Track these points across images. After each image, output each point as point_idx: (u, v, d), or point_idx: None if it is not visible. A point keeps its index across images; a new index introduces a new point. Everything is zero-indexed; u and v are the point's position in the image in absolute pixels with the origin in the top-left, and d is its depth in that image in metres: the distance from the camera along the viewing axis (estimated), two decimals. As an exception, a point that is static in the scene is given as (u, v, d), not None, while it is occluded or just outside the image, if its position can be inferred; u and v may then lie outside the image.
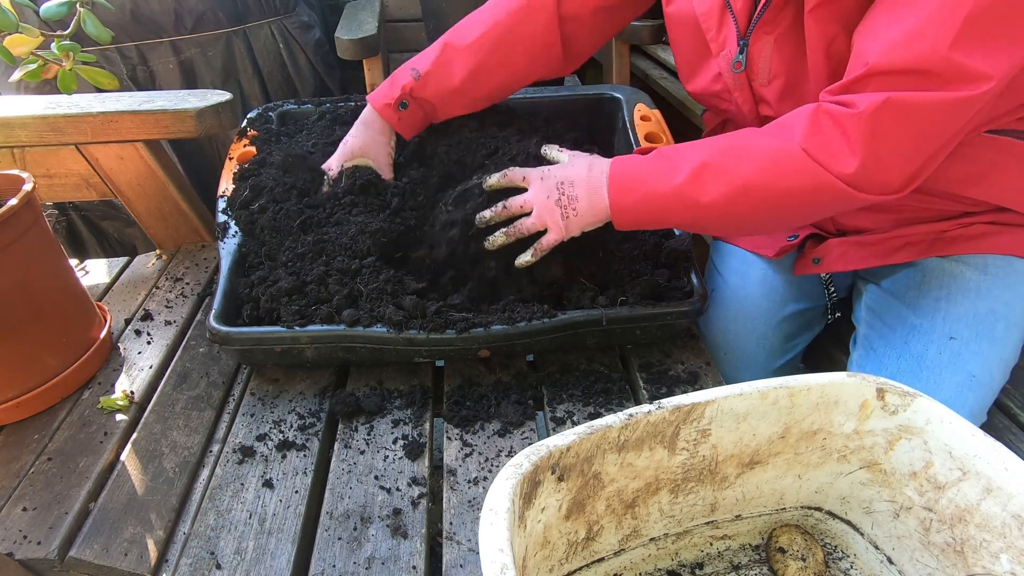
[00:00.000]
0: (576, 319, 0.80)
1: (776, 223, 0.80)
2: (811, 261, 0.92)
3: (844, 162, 0.66)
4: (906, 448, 0.58)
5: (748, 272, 0.99)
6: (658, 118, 1.08)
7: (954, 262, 0.85)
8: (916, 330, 0.84)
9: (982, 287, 0.82)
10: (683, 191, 0.71)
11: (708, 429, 0.58)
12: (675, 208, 0.73)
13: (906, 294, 0.87)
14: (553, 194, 0.77)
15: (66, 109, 1.02)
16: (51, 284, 0.83)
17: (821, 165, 0.66)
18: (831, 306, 1.01)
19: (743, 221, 0.74)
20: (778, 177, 0.69)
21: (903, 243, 0.86)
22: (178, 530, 0.69)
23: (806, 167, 0.67)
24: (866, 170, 0.65)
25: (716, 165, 0.71)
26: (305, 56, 1.77)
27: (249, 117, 1.11)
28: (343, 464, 0.74)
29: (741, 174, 0.70)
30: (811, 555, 0.63)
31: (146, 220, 1.15)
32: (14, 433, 0.80)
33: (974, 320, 0.81)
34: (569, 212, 0.77)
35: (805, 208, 0.72)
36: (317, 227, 0.89)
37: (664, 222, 0.77)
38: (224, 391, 0.85)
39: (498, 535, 0.45)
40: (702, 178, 0.71)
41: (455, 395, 0.82)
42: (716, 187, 0.70)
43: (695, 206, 0.72)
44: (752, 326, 0.98)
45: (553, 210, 0.77)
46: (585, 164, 0.78)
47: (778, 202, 0.70)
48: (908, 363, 0.83)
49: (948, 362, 0.81)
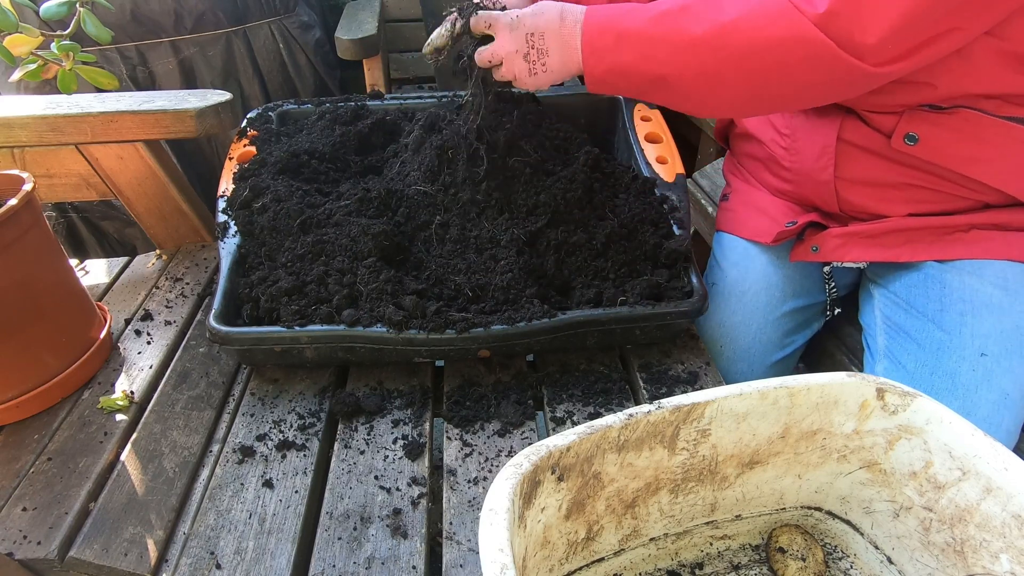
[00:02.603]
0: (576, 319, 0.80)
1: (765, 89, 0.72)
2: (809, 249, 0.91)
3: (815, 1, 0.64)
4: (906, 448, 0.58)
5: (748, 266, 0.99)
6: (658, 118, 1.08)
7: (968, 275, 0.84)
8: (946, 347, 0.82)
9: (1004, 303, 0.82)
10: (663, 23, 0.68)
11: (708, 429, 0.58)
12: (653, 50, 0.69)
13: (927, 306, 0.86)
14: (522, 47, 0.73)
15: (66, 109, 1.02)
16: (51, 284, 0.83)
17: (798, 8, 0.65)
18: (831, 302, 1.01)
19: (727, 78, 0.70)
20: (761, 23, 0.66)
21: (904, 239, 0.86)
22: (178, 530, 0.69)
23: (786, 12, 0.65)
24: (836, 14, 0.63)
25: (697, 6, 0.68)
26: (305, 56, 1.78)
27: (249, 117, 1.11)
28: (343, 464, 0.74)
29: (725, 15, 0.67)
30: (811, 555, 0.63)
31: (146, 220, 1.15)
32: (14, 433, 0.80)
33: (1001, 336, 0.80)
34: (538, 68, 0.74)
35: (791, 69, 0.68)
36: (317, 227, 0.89)
37: (641, 73, 0.71)
38: (224, 391, 0.85)
39: (498, 535, 0.45)
40: (685, 16, 0.68)
41: (455, 395, 0.82)
42: (698, 25, 0.67)
43: (675, 44, 0.68)
44: (750, 320, 0.98)
45: (521, 65, 0.74)
46: (557, 13, 0.74)
47: (763, 57, 0.67)
48: (942, 381, 0.81)
49: (982, 380, 0.80)
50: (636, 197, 0.94)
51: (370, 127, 1.06)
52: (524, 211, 0.89)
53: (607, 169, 0.97)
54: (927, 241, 0.86)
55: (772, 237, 0.94)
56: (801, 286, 0.98)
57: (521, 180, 0.91)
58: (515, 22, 0.74)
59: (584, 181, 0.91)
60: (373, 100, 1.14)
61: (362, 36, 1.56)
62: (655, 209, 0.92)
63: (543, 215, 0.88)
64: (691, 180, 1.43)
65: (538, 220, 0.88)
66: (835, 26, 0.64)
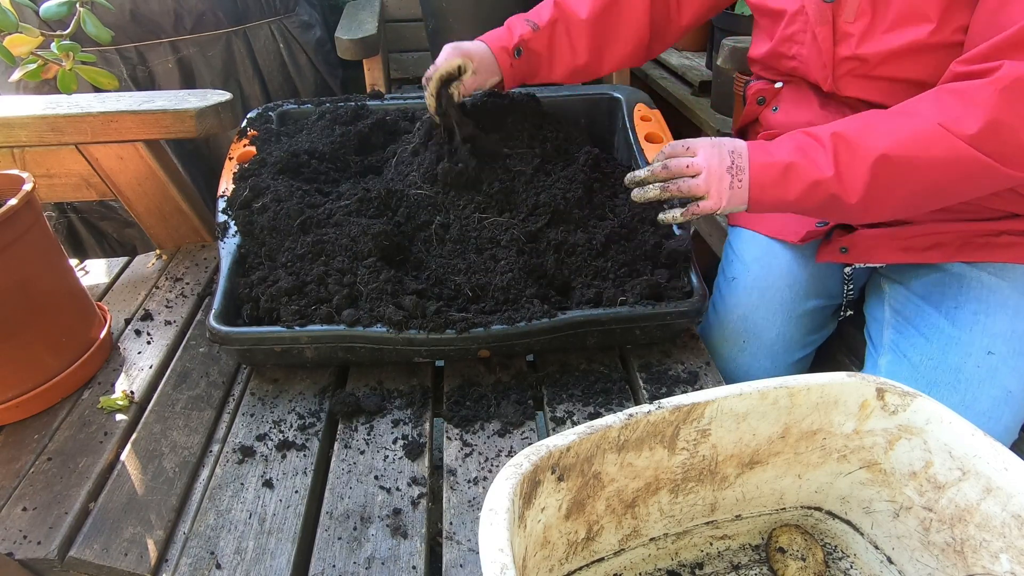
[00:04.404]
0: (576, 319, 0.80)
1: (925, 202, 0.77)
2: (838, 250, 0.91)
3: (967, 123, 0.66)
4: (906, 448, 0.58)
5: (772, 262, 0.99)
6: (658, 118, 1.08)
7: (990, 275, 0.84)
8: (954, 342, 0.83)
9: (1020, 306, 0.82)
10: (825, 154, 0.72)
11: (708, 429, 0.58)
12: (820, 180, 0.73)
13: (942, 303, 0.86)
14: (725, 160, 0.75)
15: (66, 109, 1.02)
16: (51, 284, 0.83)
17: (949, 132, 0.67)
18: (846, 304, 1.01)
19: (889, 199, 0.74)
20: (916, 149, 0.69)
21: (933, 242, 0.86)
22: (178, 530, 0.69)
23: (939, 136, 0.68)
24: (991, 134, 0.66)
25: (851, 135, 0.72)
26: (305, 56, 1.78)
27: (249, 117, 1.11)
28: (343, 464, 0.74)
29: (881, 142, 0.70)
30: (811, 555, 0.63)
31: (146, 220, 1.15)
32: (14, 433, 0.80)
33: (1011, 337, 0.81)
34: (735, 184, 0.75)
35: (949, 185, 0.71)
36: (317, 227, 0.89)
37: (810, 198, 0.75)
38: (224, 391, 0.85)
39: (498, 535, 0.45)
40: (844, 144, 0.72)
41: (455, 395, 0.82)
42: (861, 154, 0.71)
43: (841, 174, 0.72)
44: (774, 317, 0.97)
45: (723, 177, 0.75)
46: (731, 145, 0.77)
47: (923, 177, 0.70)
48: (945, 375, 0.82)
49: (986, 376, 0.80)
50: (636, 197, 0.94)
51: (370, 127, 1.06)
52: (524, 211, 0.89)
53: (607, 169, 0.97)
54: (956, 245, 0.85)
55: (800, 236, 0.93)
56: (823, 285, 0.98)
57: (521, 180, 0.91)
58: (716, 140, 0.78)
59: (584, 181, 0.91)
60: (373, 100, 1.14)
61: (362, 36, 1.56)
62: (655, 209, 0.92)
63: (543, 215, 0.88)
64: (691, 180, 1.43)
65: (538, 220, 0.88)
66: (990, 145, 0.67)
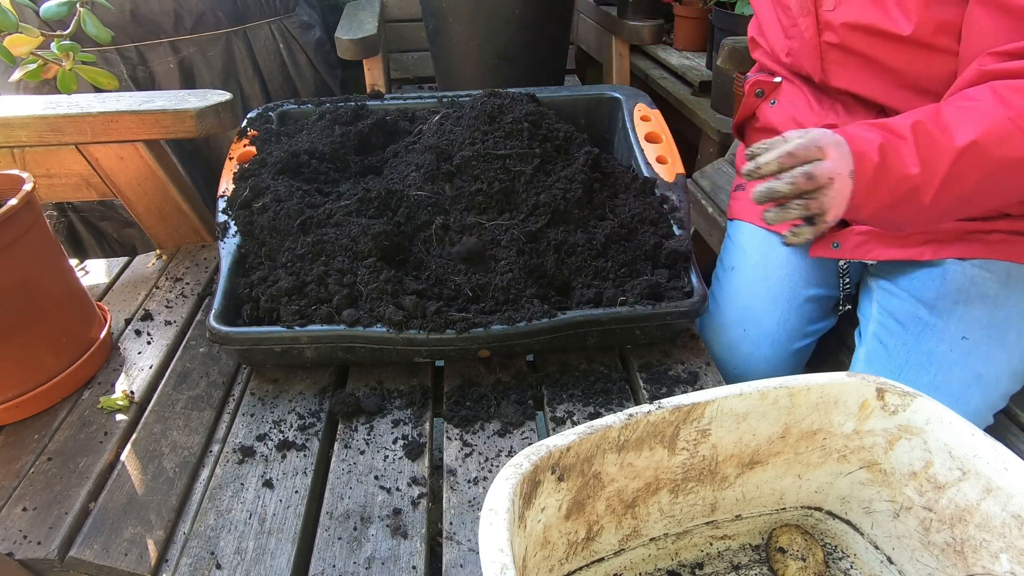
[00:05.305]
0: (576, 319, 0.80)
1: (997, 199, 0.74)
2: (830, 244, 0.92)
3: None
4: (906, 448, 0.58)
5: (770, 252, 1.00)
6: (658, 118, 1.08)
7: (976, 268, 0.84)
8: (929, 328, 0.84)
9: (1000, 296, 0.83)
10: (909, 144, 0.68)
11: (708, 429, 0.58)
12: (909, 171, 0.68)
13: (924, 295, 0.87)
14: (850, 165, 0.68)
15: (66, 109, 1.02)
16: (51, 284, 0.83)
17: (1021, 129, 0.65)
18: (843, 298, 1.01)
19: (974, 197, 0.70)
20: (994, 146, 0.66)
21: (926, 239, 0.86)
22: (178, 530, 0.69)
23: (1014, 133, 0.65)
24: None
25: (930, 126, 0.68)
26: (305, 56, 1.78)
27: (249, 117, 1.11)
28: (343, 464, 0.74)
29: (960, 139, 0.66)
30: (811, 555, 0.63)
31: (146, 220, 1.15)
32: (14, 433, 0.80)
33: (988, 325, 0.82)
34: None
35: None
36: (317, 227, 0.89)
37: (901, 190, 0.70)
38: (224, 391, 0.85)
39: (498, 535, 0.45)
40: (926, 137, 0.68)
41: (455, 395, 0.82)
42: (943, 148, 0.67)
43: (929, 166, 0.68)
44: (775, 305, 0.98)
45: (849, 185, 0.68)
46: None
47: (1000, 175, 0.67)
48: (918, 358, 0.83)
49: (958, 360, 0.81)
50: (636, 197, 0.94)
51: (370, 127, 1.06)
52: (524, 211, 0.89)
53: (607, 169, 0.97)
54: (948, 241, 0.86)
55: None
56: (822, 275, 0.99)
57: (521, 180, 0.91)
58: (839, 140, 0.70)
59: (584, 181, 0.91)
60: (373, 100, 1.14)
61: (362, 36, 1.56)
62: (655, 209, 0.92)
63: (543, 215, 0.88)
64: (691, 180, 1.43)
65: (538, 220, 0.88)
66: None
